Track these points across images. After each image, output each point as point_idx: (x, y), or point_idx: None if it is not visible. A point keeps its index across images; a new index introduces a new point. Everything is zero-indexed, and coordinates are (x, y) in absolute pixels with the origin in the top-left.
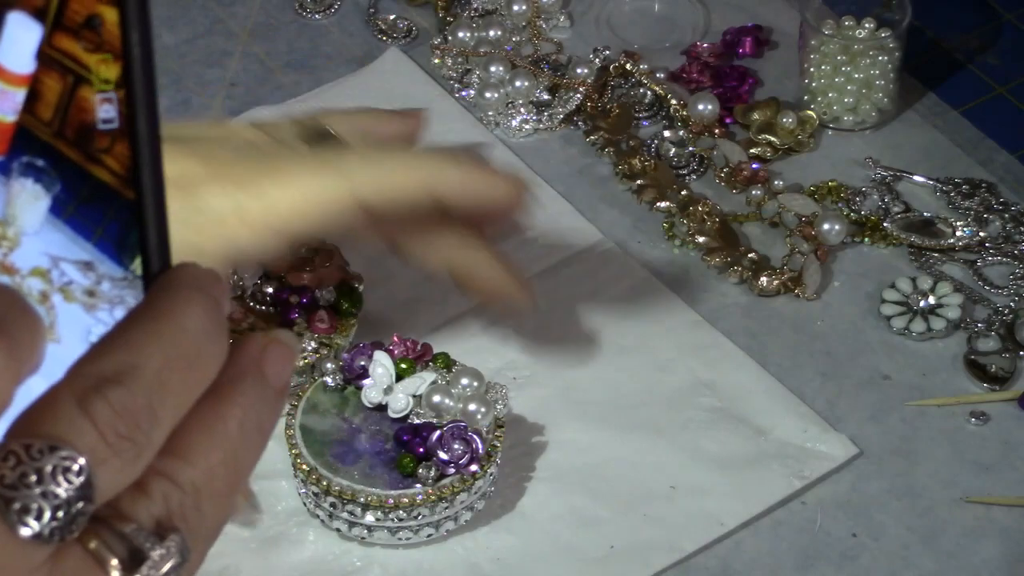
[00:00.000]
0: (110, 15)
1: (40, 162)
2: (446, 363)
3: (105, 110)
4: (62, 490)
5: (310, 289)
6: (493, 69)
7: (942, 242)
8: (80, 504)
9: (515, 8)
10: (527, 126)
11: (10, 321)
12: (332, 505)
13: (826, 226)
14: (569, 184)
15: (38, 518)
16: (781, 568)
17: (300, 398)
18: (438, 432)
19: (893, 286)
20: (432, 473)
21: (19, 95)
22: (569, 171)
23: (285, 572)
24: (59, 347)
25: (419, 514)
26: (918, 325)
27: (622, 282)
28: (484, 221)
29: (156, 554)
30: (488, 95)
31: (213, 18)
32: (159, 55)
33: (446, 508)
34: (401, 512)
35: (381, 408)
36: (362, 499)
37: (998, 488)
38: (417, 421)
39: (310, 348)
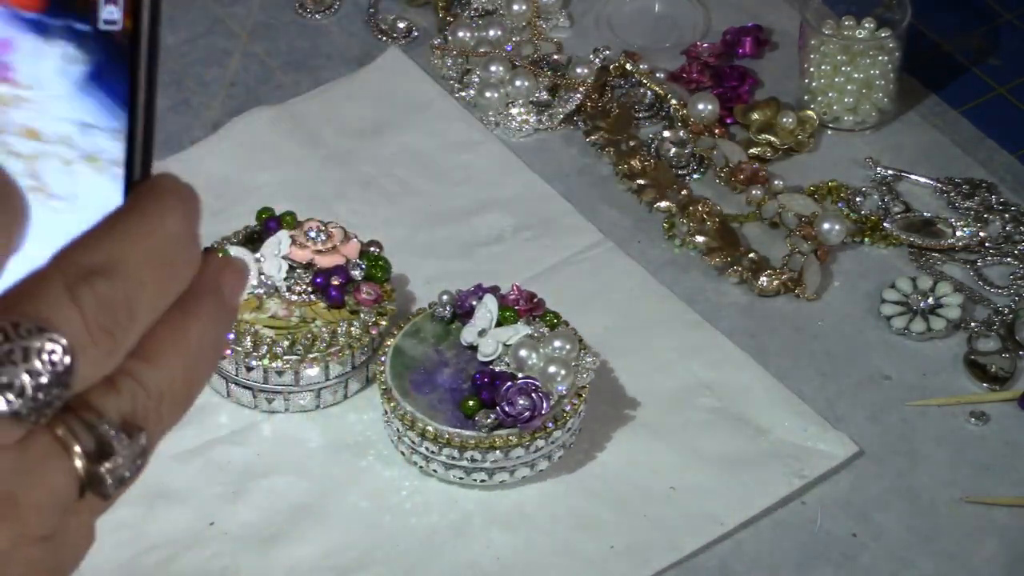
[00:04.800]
0: None
1: (78, 25)
2: (552, 322)
3: (109, 11)
4: (45, 371)
5: (343, 268)
6: (493, 69)
7: (942, 242)
8: (58, 389)
9: (515, 8)
10: (527, 126)
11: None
12: (397, 429)
13: (826, 226)
14: (569, 184)
15: (19, 395)
16: (781, 568)
17: (409, 322)
18: (509, 384)
19: (893, 286)
20: (489, 421)
21: None
22: (569, 171)
23: (285, 572)
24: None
25: (472, 457)
26: (918, 325)
27: (622, 282)
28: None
29: (122, 449)
30: (488, 95)
31: (213, 18)
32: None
33: (500, 459)
34: (454, 451)
35: (474, 349)
36: (421, 428)
37: (998, 488)
38: (498, 369)
39: (370, 321)
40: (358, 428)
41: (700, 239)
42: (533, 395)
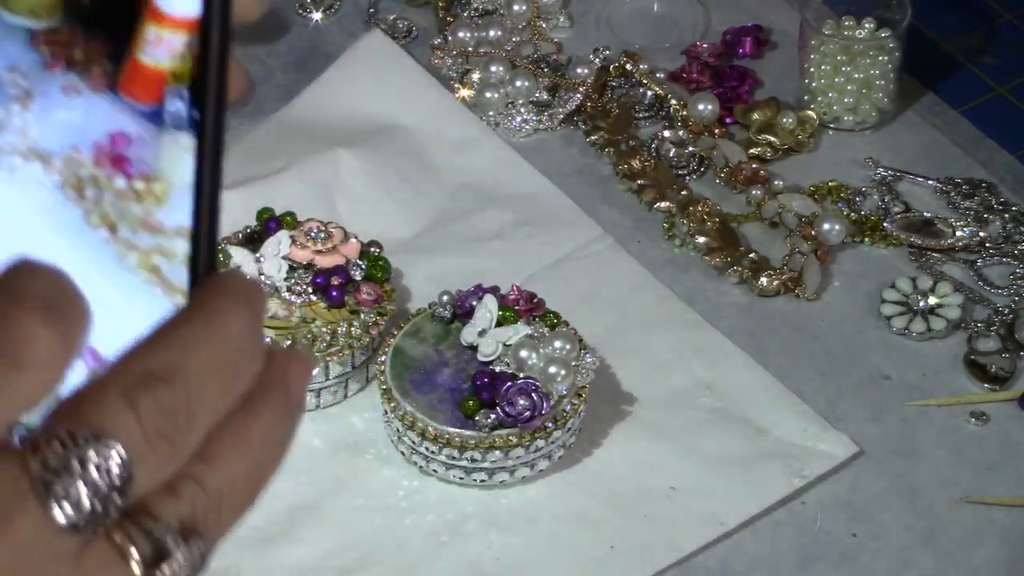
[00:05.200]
0: None
1: (196, 113)
2: (552, 322)
3: (175, 105)
4: (102, 481)
5: (343, 268)
6: (493, 69)
7: (942, 242)
8: (116, 497)
9: (515, 8)
10: (527, 126)
11: (62, 306)
12: (397, 429)
13: (826, 226)
14: (569, 184)
15: (76, 506)
16: (781, 568)
17: (409, 322)
18: (509, 384)
19: (893, 286)
20: (489, 421)
21: (178, 40)
22: (569, 171)
23: (285, 572)
24: None
25: (471, 457)
26: (918, 325)
27: (622, 280)
28: None
29: (180, 555)
30: (488, 95)
31: None
32: None
33: (500, 459)
34: (454, 451)
35: (474, 349)
36: (421, 428)
37: (998, 488)
38: (498, 369)
39: (370, 322)
40: (358, 428)
41: (700, 239)
42: (533, 395)
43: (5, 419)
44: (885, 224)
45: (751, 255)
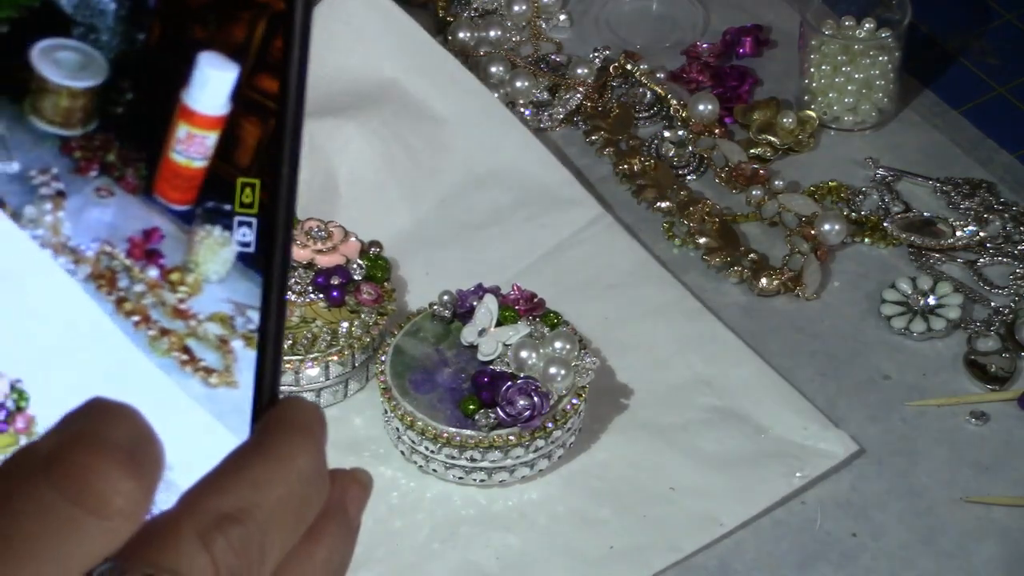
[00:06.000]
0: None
1: (227, 207)
2: (553, 322)
3: (242, 233)
4: None
5: (343, 267)
6: (493, 69)
7: (942, 242)
8: None
9: (515, 8)
10: (527, 126)
11: (140, 451)
12: (396, 429)
13: (826, 226)
14: None
15: None
16: (781, 568)
17: (409, 321)
18: (508, 384)
19: (893, 286)
20: (488, 421)
21: (210, 139)
22: (569, 171)
23: None
24: (236, 392)
25: (471, 456)
26: (918, 325)
27: (622, 265)
28: None
29: None
30: None
31: None
32: None
33: (500, 459)
34: (453, 450)
35: (474, 348)
36: (420, 427)
37: (998, 488)
38: (498, 369)
39: (370, 321)
40: (358, 427)
41: (700, 239)
42: (533, 395)
43: (85, 566)
44: (885, 224)
45: (751, 255)
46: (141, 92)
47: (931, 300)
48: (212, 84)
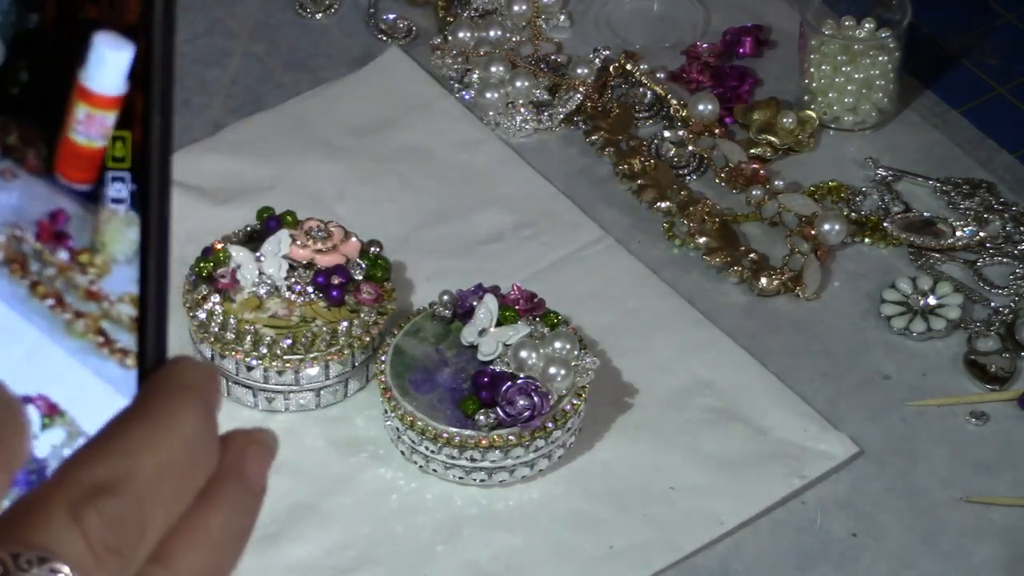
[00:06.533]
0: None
1: (134, 188)
2: (552, 322)
3: (116, 188)
4: None
5: (343, 267)
6: (493, 69)
7: (942, 242)
8: None
9: (515, 8)
10: (527, 126)
11: (0, 425)
12: (396, 429)
13: (826, 226)
14: (569, 184)
15: None
16: (781, 568)
17: (409, 321)
18: (508, 384)
19: (893, 286)
20: (489, 421)
21: (109, 119)
22: (569, 171)
23: (285, 570)
24: None
25: (471, 456)
26: (918, 325)
27: (623, 280)
28: None
29: None
30: (488, 95)
31: (213, 18)
32: None
33: (500, 458)
34: (453, 450)
35: (474, 348)
36: (420, 427)
37: (998, 488)
38: (498, 369)
39: (370, 321)
40: (358, 427)
41: (700, 239)
42: (533, 395)
43: None
44: (885, 224)
45: (751, 255)
46: (38, 73)
47: (931, 300)
48: (109, 64)
